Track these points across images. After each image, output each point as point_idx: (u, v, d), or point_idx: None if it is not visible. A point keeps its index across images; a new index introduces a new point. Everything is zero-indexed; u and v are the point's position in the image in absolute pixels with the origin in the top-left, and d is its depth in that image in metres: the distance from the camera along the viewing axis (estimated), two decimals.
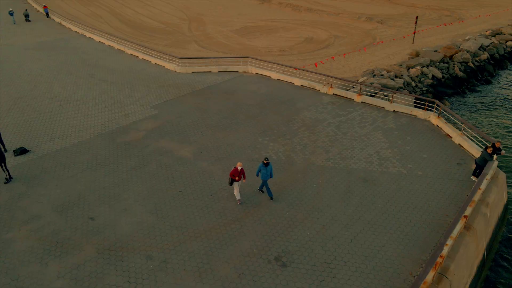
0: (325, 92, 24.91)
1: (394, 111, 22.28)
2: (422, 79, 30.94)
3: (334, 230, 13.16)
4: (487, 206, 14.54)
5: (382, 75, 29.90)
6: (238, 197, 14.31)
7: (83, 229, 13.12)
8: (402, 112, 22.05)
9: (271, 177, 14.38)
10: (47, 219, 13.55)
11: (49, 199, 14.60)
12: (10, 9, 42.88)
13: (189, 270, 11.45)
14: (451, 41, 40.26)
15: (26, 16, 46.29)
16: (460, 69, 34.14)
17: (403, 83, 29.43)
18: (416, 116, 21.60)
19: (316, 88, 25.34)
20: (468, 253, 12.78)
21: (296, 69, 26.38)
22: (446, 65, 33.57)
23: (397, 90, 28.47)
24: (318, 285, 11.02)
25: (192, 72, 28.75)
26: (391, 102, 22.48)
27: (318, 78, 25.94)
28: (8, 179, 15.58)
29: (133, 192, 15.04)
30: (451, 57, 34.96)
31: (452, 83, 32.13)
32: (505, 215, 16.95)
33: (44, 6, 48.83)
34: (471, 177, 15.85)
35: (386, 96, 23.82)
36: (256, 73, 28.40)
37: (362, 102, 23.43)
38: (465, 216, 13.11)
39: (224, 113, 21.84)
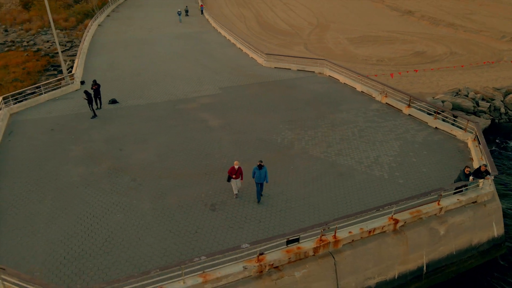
0: (379, 100, 25.26)
1: (436, 127, 21.47)
2: None
3: (271, 201, 15.23)
4: (442, 224, 14.16)
5: (466, 95, 27.76)
6: (235, 191, 15.11)
7: (111, 154, 18.63)
8: (442, 130, 21.12)
9: (266, 181, 14.66)
10: (96, 143, 19.60)
11: (106, 133, 20.75)
12: (179, 9, 53.32)
13: (156, 193, 15.57)
14: None
15: (186, 11, 57.38)
16: None
17: (489, 107, 26.76)
18: (455, 136, 20.46)
19: (373, 96, 25.84)
20: (384, 252, 13.22)
21: (358, 75, 27.24)
22: None
23: (473, 113, 26.33)
24: (227, 224, 13.71)
25: (275, 67, 32.40)
26: (434, 118, 21.69)
27: (380, 87, 26.28)
28: (93, 116, 22.51)
29: (156, 140, 19.95)
30: None
31: None
32: (492, 251, 15.46)
33: (201, 4, 59.35)
34: None
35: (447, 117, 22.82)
36: (328, 75, 30.19)
37: (409, 114, 23.13)
38: (394, 219, 13.51)
39: (271, 102, 24.91)
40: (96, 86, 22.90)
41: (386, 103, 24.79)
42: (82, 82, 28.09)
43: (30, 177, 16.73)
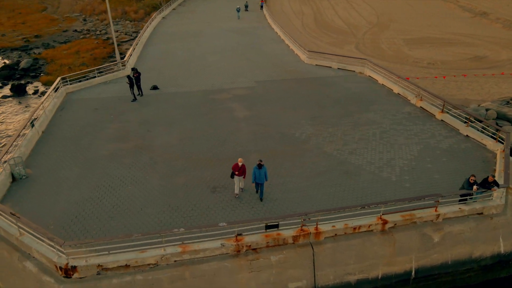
0: (414, 103, 24.42)
1: (466, 135, 20.40)
2: None
3: (270, 190, 15.84)
4: (437, 232, 13.78)
5: None
6: (236, 191, 15.16)
7: (140, 134, 20.49)
8: (473, 138, 20.02)
9: (265, 179, 14.73)
10: (130, 124, 21.64)
11: (140, 115, 22.74)
12: (238, 6, 55.07)
13: (167, 172, 17.05)
14: None
15: (246, 6, 59.03)
16: None
17: None
18: (485, 145, 19.31)
19: (408, 98, 25.03)
20: (368, 250, 13.28)
21: (397, 77, 26.45)
22: None
23: None
24: (222, 206, 14.69)
25: (316, 64, 32.51)
26: (466, 126, 20.59)
27: (416, 90, 25.36)
28: (133, 100, 24.72)
29: (182, 125, 21.47)
30: None
31: None
32: (496, 268, 14.59)
33: (262, 0, 60.61)
34: None
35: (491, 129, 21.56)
36: (368, 76, 29.64)
37: (441, 120, 22.16)
38: (383, 220, 13.49)
39: (300, 98, 25.29)
40: (136, 74, 25.06)
41: (420, 106, 23.90)
42: (133, 69, 30.63)
43: (68, 147, 19.13)
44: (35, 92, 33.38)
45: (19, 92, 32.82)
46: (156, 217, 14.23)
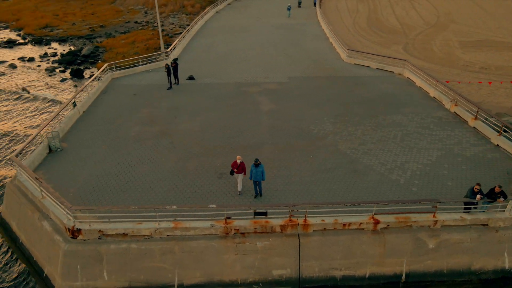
0: (448, 108, 23.34)
1: (497, 145, 19.23)
2: None
3: (273, 181, 16.31)
4: (433, 238, 13.43)
5: None
6: (239, 188, 15.27)
7: (166, 119, 21.90)
8: (504, 149, 18.83)
9: (263, 179, 14.76)
10: (160, 110, 23.17)
11: (172, 103, 24.21)
12: (289, 4, 54.97)
13: (182, 156, 18.23)
14: None
15: (299, 3, 58.98)
16: None
17: None
18: None
19: (443, 103, 23.95)
20: (356, 248, 13.34)
21: (436, 81, 25.31)
22: None
23: None
24: (224, 191, 15.50)
25: (355, 63, 32.00)
26: (498, 135, 19.40)
27: (452, 94, 24.17)
28: (169, 88, 26.32)
29: (207, 114, 22.56)
30: None
31: None
32: (498, 283, 13.82)
33: None
34: None
35: None
36: (407, 77, 28.66)
37: (474, 127, 21.03)
38: (375, 219, 13.45)
39: (329, 96, 25.22)
40: (174, 64, 26.60)
41: (454, 112, 22.80)
42: (175, 59, 32.41)
43: (101, 127, 21.05)
44: (91, 76, 36.45)
45: (77, 75, 36.12)
46: (162, 196, 15.39)
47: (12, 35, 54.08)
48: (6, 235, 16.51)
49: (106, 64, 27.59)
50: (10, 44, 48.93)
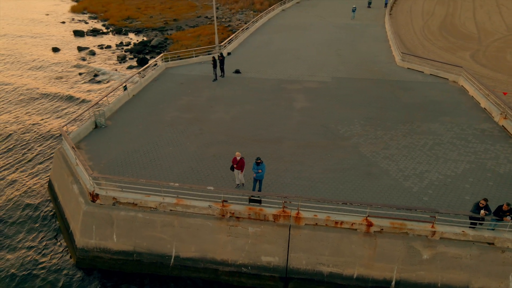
0: (496, 120, 21.66)
1: None
2: None
3: (285, 175, 16.79)
4: (427, 248, 13.02)
5: None
6: (237, 181, 15.60)
7: (202, 108, 23.36)
8: None
9: (262, 177, 14.73)
10: (200, 99, 24.73)
11: (213, 93, 25.66)
12: (354, 6, 53.50)
13: (206, 142, 19.52)
14: None
15: (369, 3, 57.41)
16: None
17: None
18: None
19: (492, 115, 22.25)
20: (344, 246, 13.42)
21: (489, 91, 23.49)
22: None
23: None
24: (232, 178, 16.43)
25: (408, 67, 30.73)
26: None
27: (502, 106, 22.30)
28: (214, 79, 27.84)
29: (242, 106, 23.59)
30: None
31: None
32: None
33: None
34: None
35: None
36: (461, 85, 26.91)
37: None
38: (368, 221, 13.40)
39: (367, 99, 24.75)
40: (221, 57, 28.01)
41: (502, 125, 21.11)
42: (229, 54, 33.99)
43: (144, 110, 23.17)
44: (155, 65, 39.59)
45: (142, 64, 39.46)
46: (177, 175, 16.75)
47: (98, 25, 60.36)
48: (51, 195, 19.21)
49: (161, 54, 29.95)
50: (94, 32, 54.75)
